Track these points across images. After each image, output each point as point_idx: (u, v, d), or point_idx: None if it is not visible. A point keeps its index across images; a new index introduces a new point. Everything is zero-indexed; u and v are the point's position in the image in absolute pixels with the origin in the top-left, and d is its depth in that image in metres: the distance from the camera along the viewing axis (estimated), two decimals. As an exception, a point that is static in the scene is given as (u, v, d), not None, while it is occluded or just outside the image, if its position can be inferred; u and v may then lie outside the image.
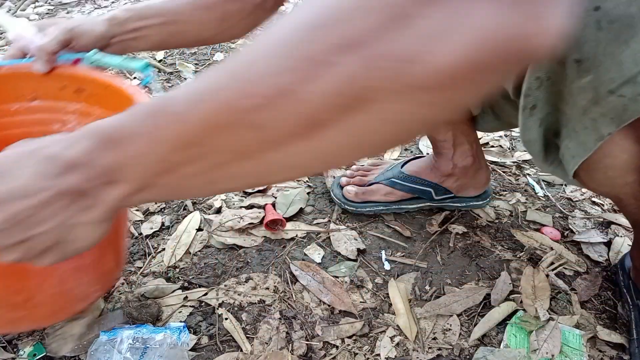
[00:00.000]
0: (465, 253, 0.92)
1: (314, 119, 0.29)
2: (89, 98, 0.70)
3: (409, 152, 1.24)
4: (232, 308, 0.80)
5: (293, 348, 0.74)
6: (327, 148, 0.31)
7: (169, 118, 0.34)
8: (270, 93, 0.29)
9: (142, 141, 0.35)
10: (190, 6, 0.76)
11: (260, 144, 0.32)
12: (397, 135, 0.31)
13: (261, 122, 0.30)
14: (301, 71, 0.28)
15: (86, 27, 0.69)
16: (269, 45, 0.30)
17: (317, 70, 0.27)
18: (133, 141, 0.35)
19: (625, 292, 0.80)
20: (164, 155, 0.34)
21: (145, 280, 0.84)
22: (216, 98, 0.32)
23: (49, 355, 0.72)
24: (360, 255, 0.91)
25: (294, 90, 0.28)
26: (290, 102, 0.29)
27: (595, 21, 0.44)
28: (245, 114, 0.30)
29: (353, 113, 0.28)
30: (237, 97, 0.30)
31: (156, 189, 0.37)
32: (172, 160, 0.34)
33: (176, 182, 0.36)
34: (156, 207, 1.02)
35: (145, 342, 0.69)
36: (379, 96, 0.27)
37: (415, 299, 0.83)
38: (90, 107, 0.71)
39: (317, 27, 0.27)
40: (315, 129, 0.30)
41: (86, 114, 0.72)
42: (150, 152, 0.35)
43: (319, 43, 0.27)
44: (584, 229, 0.97)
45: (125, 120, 0.36)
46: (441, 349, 0.74)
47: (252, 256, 0.91)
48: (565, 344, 0.74)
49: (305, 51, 0.28)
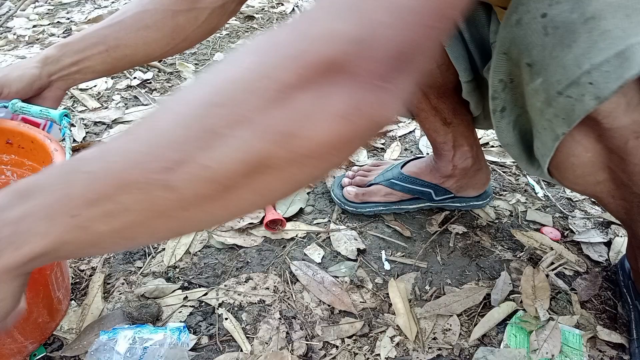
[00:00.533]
0: (465, 253, 0.92)
1: (222, 183, 0.33)
2: (18, 151, 0.74)
3: (408, 152, 1.24)
4: (232, 308, 0.80)
5: (293, 348, 0.74)
6: (239, 204, 0.35)
7: (82, 176, 0.35)
8: (177, 158, 0.32)
9: (53, 195, 0.35)
10: (132, 28, 0.73)
11: (175, 203, 0.34)
12: (295, 189, 0.37)
13: (173, 184, 0.33)
14: (202, 140, 0.32)
15: (15, 74, 0.69)
16: (174, 116, 0.34)
17: (215, 141, 0.32)
18: (43, 195, 0.35)
19: (625, 292, 0.80)
20: (74, 210, 0.34)
21: (145, 280, 0.84)
22: (128, 159, 0.34)
23: (49, 355, 0.72)
24: (360, 255, 0.91)
25: (197, 157, 0.32)
26: (195, 167, 0.32)
27: (542, 27, 0.47)
28: (156, 175, 0.33)
29: (258, 176, 0.33)
30: (147, 160, 0.33)
31: (69, 246, 0.35)
32: (84, 216, 0.34)
33: (91, 239, 0.35)
34: (156, 207, 1.02)
35: (145, 342, 0.69)
36: (277, 162, 0.32)
37: (415, 299, 0.83)
38: (21, 158, 0.74)
39: (215, 104, 0.32)
40: (226, 190, 0.33)
41: (20, 164, 0.75)
42: (61, 205, 0.35)
43: (217, 118, 0.32)
44: (584, 229, 0.97)
45: (39, 178, 0.37)
46: (441, 349, 0.74)
47: (252, 256, 0.91)
48: (565, 344, 0.74)
49: (205, 124, 0.32)
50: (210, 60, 1.72)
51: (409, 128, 1.34)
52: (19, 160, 0.75)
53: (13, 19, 2.10)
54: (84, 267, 0.87)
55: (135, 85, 1.53)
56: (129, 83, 1.55)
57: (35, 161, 0.73)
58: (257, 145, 0.32)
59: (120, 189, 0.33)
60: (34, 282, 0.64)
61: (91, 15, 2.14)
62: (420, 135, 1.31)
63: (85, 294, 0.82)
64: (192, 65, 1.67)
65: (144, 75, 1.59)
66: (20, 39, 1.88)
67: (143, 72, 1.61)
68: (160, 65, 1.65)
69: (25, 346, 0.69)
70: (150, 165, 0.33)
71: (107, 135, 1.27)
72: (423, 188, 0.97)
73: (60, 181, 0.35)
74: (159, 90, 1.51)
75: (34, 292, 0.65)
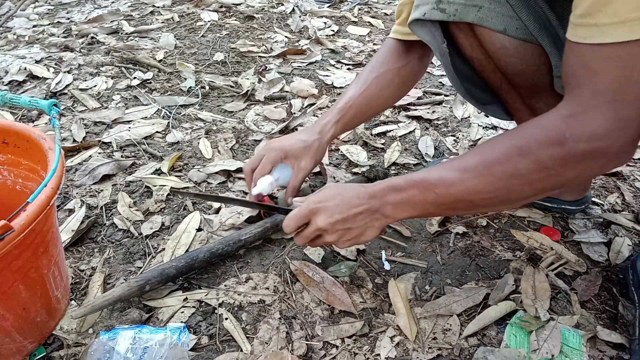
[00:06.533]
0: (465, 253, 0.92)
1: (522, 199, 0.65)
2: (15, 150, 0.74)
3: (408, 152, 1.24)
4: (232, 308, 0.80)
5: (293, 348, 0.74)
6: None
7: (431, 193, 0.65)
8: (494, 193, 0.62)
9: (414, 198, 0.67)
10: (375, 94, 0.96)
11: (473, 209, 0.68)
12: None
13: (480, 204, 0.65)
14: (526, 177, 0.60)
15: (300, 146, 0.91)
16: (490, 161, 0.62)
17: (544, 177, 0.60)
18: (407, 195, 0.67)
19: (634, 289, 0.80)
20: (418, 207, 0.68)
21: (145, 280, 0.84)
22: (460, 188, 0.63)
23: (49, 355, 0.72)
24: (360, 255, 0.91)
25: (514, 192, 0.62)
26: (506, 199, 0.64)
27: None
28: (474, 200, 0.64)
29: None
30: (470, 192, 0.63)
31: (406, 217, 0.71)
32: (423, 210, 0.68)
33: (420, 216, 0.75)
34: (156, 207, 1.02)
35: (145, 342, 0.69)
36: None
37: (415, 299, 0.83)
38: (17, 157, 0.75)
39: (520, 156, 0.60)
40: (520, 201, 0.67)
41: (16, 164, 0.75)
42: (413, 204, 0.68)
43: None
44: (584, 229, 0.97)
45: (405, 183, 0.68)
46: (441, 349, 0.74)
47: (252, 256, 0.91)
48: (565, 344, 0.74)
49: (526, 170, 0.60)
50: (210, 60, 1.72)
51: (409, 128, 1.34)
52: (16, 160, 0.75)
53: (13, 19, 2.10)
54: (83, 267, 0.87)
55: (135, 85, 1.53)
56: (129, 83, 1.55)
57: (32, 160, 0.73)
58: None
59: (452, 204, 0.65)
60: (31, 281, 0.64)
61: (91, 15, 2.14)
62: (420, 136, 1.31)
63: (85, 294, 0.81)
64: (192, 65, 1.67)
65: (144, 75, 1.59)
66: (20, 39, 1.88)
67: (143, 72, 1.61)
68: (160, 65, 1.65)
69: (25, 346, 0.69)
70: (472, 197, 0.63)
71: (107, 135, 1.27)
72: None
73: (418, 191, 0.66)
74: (158, 90, 1.51)
75: (31, 291, 0.65)
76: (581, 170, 0.58)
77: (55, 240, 0.69)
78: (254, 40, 1.91)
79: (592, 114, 0.55)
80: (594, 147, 0.55)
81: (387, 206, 0.69)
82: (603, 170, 0.60)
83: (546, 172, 0.58)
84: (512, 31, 0.73)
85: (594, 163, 0.57)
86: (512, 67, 0.78)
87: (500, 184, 0.61)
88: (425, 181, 0.66)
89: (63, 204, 1.02)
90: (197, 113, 1.39)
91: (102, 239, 0.94)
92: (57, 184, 0.60)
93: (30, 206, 0.56)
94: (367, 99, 0.95)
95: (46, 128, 1.30)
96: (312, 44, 1.90)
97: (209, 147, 1.23)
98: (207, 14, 2.14)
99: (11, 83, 1.54)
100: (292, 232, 0.73)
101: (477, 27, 0.76)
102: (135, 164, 1.16)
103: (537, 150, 0.58)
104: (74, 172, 1.12)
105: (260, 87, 1.54)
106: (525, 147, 0.59)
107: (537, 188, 0.61)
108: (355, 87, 0.96)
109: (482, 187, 0.62)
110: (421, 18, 0.78)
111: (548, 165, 0.58)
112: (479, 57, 0.81)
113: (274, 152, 0.89)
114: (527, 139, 0.59)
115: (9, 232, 0.52)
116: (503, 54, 0.77)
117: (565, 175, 0.59)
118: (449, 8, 0.75)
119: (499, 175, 0.61)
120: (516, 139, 0.60)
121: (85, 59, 1.68)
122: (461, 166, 0.64)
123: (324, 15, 2.21)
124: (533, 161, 0.58)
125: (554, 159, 0.57)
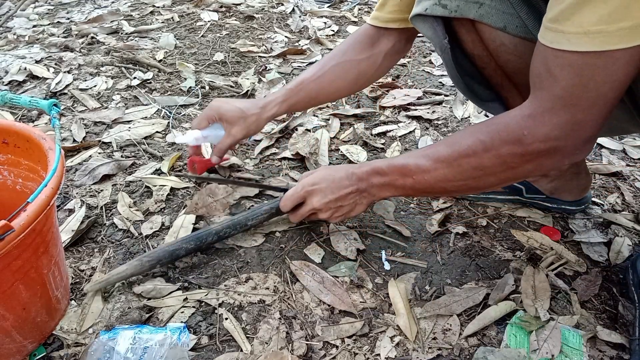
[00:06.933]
0: (465, 253, 0.92)
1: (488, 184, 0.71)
2: (15, 150, 0.74)
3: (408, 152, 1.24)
4: (232, 308, 0.80)
5: (293, 348, 0.74)
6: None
7: (409, 179, 0.74)
8: (463, 181, 0.71)
9: (395, 182, 0.76)
10: (329, 81, 0.97)
11: (446, 194, 0.89)
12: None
13: (452, 190, 0.73)
14: (495, 167, 0.68)
15: (235, 114, 0.94)
16: (458, 153, 0.69)
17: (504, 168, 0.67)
18: (389, 179, 0.77)
19: (634, 289, 0.80)
20: (399, 190, 0.77)
21: (144, 280, 0.84)
22: (433, 175, 0.72)
23: (49, 355, 0.72)
24: (360, 255, 0.91)
25: (481, 181, 0.70)
26: (474, 186, 0.72)
27: None
28: (446, 187, 0.73)
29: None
30: (442, 180, 0.71)
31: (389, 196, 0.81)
32: (403, 192, 0.78)
33: (402, 195, 0.90)
34: (156, 207, 1.02)
35: (145, 342, 0.69)
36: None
37: (415, 299, 0.83)
38: (17, 157, 0.75)
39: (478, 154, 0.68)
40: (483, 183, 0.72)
41: (16, 164, 0.75)
42: (395, 187, 0.77)
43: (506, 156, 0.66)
44: (584, 229, 0.97)
45: (387, 167, 0.77)
46: (441, 349, 0.74)
47: (252, 256, 0.91)
48: (565, 344, 0.74)
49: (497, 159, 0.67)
50: (210, 60, 1.72)
51: (409, 128, 1.34)
52: (16, 160, 0.75)
53: (13, 19, 2.10)
54: (83, 267, 0.87)
55: (135, 85, 1.53)
56: (129, 83, 1.55)
57: (32, 160, 0.73)
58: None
59: (429, 187, 0.73)
60: (31, 281, 0.64)
61: (91, 15, 2.14)
62: (420, 136, 1.31)
63: (85, 294, 0.81)
64: (192, 65, 1.67)
65: (144, 75, 1.59)
66: (20, 39, 1.88)
67: (143, 72, 1.61)
68: (160, 65, 1.65)
69: (25, 346, 0.69)
70: (445, 184, 0.72)
71: (107, 135, 1.27)
72: (515, 183, 0.97)
73: (398, 175, 0.75)
74: (158, 90, 1.51)
75: (31, 291, 0.65)
76: (538, 164, 0.65)
77: (55, 240, 0.69)
78: (254, 40, 1.91)
79: (550, 116, 0.60)
80: (549, 146, 0.62)
81: (373, 187, 0.80)
82: (559, 165, 0.66)
83: (506, 166, 0.66)
84: (512, 29, 0.74)
85: (549, 159, 0.64)
86: (512, 65, 0.78)
87: (468, 174, 0.69)
88: (404, 168, 0.75)
89: (63, 204, 1.02)
90: (197, 113, 1.39)
91: (102, 239, 0.94)
92: (57, 184, 0.60)
93: (30, 206, 0.56)
94: (318, 85, 0.97)
95: (46, 128, 1.30)
96: (312, 44, 1.90)
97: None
98: (207, 14, 2.14)
99: (11, 83, 1.54)
100: (288, 210, 0.86)
101: (478, 24, 0.76)
102: (135, 164, 1.16)
103: (498, 147, 0.65)
104: (74, 172, 1.12)
105: (260, 87, 1.54)
106: (488, 142, 0.66)
107: (501, 178, 0.69)
108: (311, 71, 0.98)
109: (451, 176, 0.71)
110: (423, 13, 0.78)
111: (508, 161, 0.65)
112: (480, 54, 0.81)
113: (211, 111, 0.95)
114: (491, 135, 0.66)
115: (9, 232, 0.52)
116: (503, 51, 0.77)
117: (525, 168, 0.66)
118: (450, 4, 0.75)
119: (465, 166, 0.69)
120: (482, 134, 0.67)
121: (85, 59, 1.68)
122: (435, 156, 0.72)
123: (324, 15, 2.21)
124: (495, 156, 0.66)
125: (514, 155, 0.64)
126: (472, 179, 0.70)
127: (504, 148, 0.64)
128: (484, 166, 0.67)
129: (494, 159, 0.66)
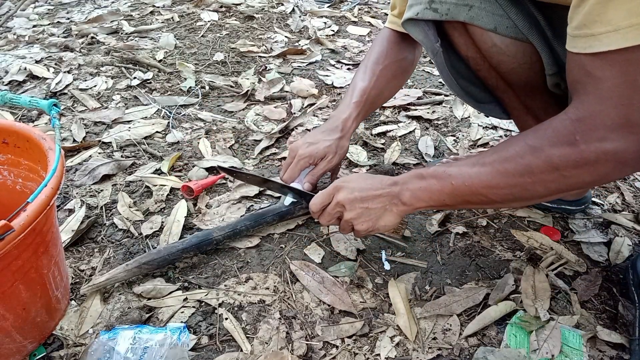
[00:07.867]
0: (465, 253, 0.92)
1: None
2: (15, 150, 0.74)
3: (408, 152, 1.24)
4: (232, 308, 0.80)
5: (293, 348, 0.74)
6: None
7: (448, 184, 0.68)
8: (508, 189, 0.64)
9: (432, 187, 0.70)
10: (385, 84, 0.99)
11: (487, 204, 0.69)
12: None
13: (494, 199, 0.66)
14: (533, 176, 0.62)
15: (323, 146, 0.93)
16: (504, 158, 0.64)
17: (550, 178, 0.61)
18: (427, 183, 0.70)
19: (634, 289, 0.80)
20: (435, 196, 0.70)
21: (144, 280, 0.84)
22: (475, 181, 0.65)
23: (49, 355, 0.72)
24: (360, 255, 0.91)
25: (527, 190, 0.63)
26: (519, 196, 0.65)
27: None
28: (488, 195, 0.66)
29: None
30: (484, 186, 0.65)
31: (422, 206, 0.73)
32: (439, 200, 0.70)
33: (436, 206, 0.73)
34: (156, 207, 1.02)
35: (145, 342, 0.69)
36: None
37: (415, 299, 0.83)
38: (17, 157, 0.75)
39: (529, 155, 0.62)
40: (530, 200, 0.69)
41: (16, 164, 0.75)
42: (430, 193, 0.70)
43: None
44: (584, 229, 0.97)
45: (426, 172, 0.71)
46: (441, 349, 0.74)
47: (252, 256, 0.91)
48: (565, 344, 0.74)
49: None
50: (210, 60, 1.72)
51: (409, 128, 1.34)
52: (16, 160, 0.75)
53: (13, 19, 2.10)
54: (83, 267, 0.87)
55: (135, 85, 1.53)
56: (129, 83, 1.55)
57: (31, 160, 0.73)
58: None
59: (466, 196, 0.68)
60: (31, 281, 0.64)
61: (91, 15, 2.14)
62: (420, 136, 1.31)
63: (85, 294, 0.81)
64: (192, 65, 1.67)
65: (144, 75, 1.59)
66: (20, 39, 1.88)
67: (143, 72, 1.61)
68: (160, 65, 1.65)
69: (25, 346, 0.69)
70: (484, 191, 0.66)
71: (107, 135, 1.27)
72: None
73: (436, 182, 0.69)
74: (158, 90, 1.51)
75: (31, 291, 0.65)
76: (595, 172, 0.58)
77: (55, 240, 0.69)
78: (254, 40, 1.91)
79: (601, 118, 0.55)
80: (607, 149, 0.55)
81: (405, 192, 0.72)
82: (621, 174, 0.59)
83: (558, 173, 0.59)
84: (503, 30, 0.74)
85: (609, 166, 0.56)
86: (505, 65, 0.79)
87: (514, 181, 0.62)
88: (445, 172, 0.69)
89: (63, 204, 1.02)
90: (197, 113, 1.39)
91: (102, 239, 0.94)
92: (57, 184, 0.60)
93: (30, 206, 0.56)
94: (378, 90, 0.98)
95: (46, 128, 1.30)
96: (312, 44, 1.90)
97: (209, 147, 1.23)
98: (207, 14, 2.14)
99: (11, 83, 1.54)
100: (318, 210, 0.78)
101: (470, 26, 0.76)
102: (135, 164, 1.16)
103: (548, 150, 0.59)
104: (74, 172, 1.12)
105: (260, 87, 1.54)
106: (537, 146, 0.60)
107: (551, 189, 0.61)
108: (365, 79, 0.98)
109: (495, 182, 0.64)
110: (414, 17, 0.79)
111: (559, 166, 0.58)
112: (474, 56, 0.81)
113: (304, 160, 0.91)
114: (539, 139, 0.60)
115: (9, 232, 0.52)
116: (495, 52, 0.77)
117: (581, 178, 0.59)
118: (441, 7, 0.76)
119: (512, 171, 0.62)
120: (530, 139, 0.62)
121: (85, 59, 1.68)
122: (479, 161, 0.66)
123: (324, 15, 2.21)
124: (544, 160, 0.59)
125: (566, 159, 0.58)
126: (518, 187, 0.63)
127: (554, 150, 0.58)
128: (532, 172, 0.61)
129: (544, 163, 0.59)
